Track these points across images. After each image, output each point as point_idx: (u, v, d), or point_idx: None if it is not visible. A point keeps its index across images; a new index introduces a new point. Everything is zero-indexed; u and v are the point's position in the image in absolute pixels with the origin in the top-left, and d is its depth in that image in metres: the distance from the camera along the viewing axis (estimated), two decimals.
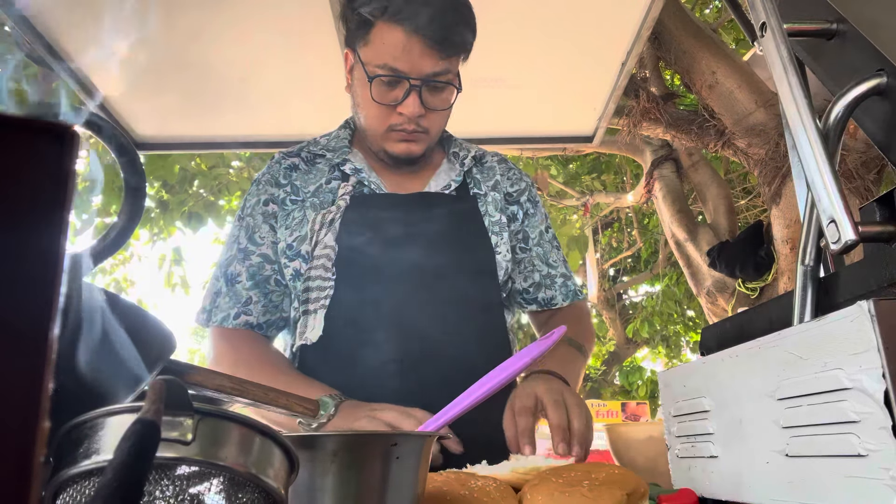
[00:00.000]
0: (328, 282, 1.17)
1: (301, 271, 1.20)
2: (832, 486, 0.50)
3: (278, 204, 1.27)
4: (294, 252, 1.22)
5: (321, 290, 1.18)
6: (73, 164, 0.24)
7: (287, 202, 1.27)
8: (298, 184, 1.29)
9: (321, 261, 1.19)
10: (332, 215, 1.21)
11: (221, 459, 0.38)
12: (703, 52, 4.03)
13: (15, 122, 0.24)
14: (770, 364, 0.58)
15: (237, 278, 1.24)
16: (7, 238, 0.23)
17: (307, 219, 1.23)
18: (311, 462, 0.52)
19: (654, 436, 0.95)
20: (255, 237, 1.26)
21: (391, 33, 1.14)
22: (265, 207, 1.27)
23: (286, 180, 1.29)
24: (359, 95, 1.24)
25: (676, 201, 5.39)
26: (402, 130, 1.22)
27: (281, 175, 1.30)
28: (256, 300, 1.24)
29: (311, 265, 1.19)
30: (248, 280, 1.24)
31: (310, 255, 1.20)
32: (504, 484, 0.68)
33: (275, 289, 1.25)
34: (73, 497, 0.38)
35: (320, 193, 1.27)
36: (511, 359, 0.95)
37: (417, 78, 1.16)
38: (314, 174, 1.31)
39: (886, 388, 0.45)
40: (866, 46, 0.66)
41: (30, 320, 0.23)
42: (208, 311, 1.24)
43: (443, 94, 1.21)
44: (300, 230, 1.23)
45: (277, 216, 1.26)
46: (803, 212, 0.73)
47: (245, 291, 1.23)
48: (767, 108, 3.79)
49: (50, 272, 0.23)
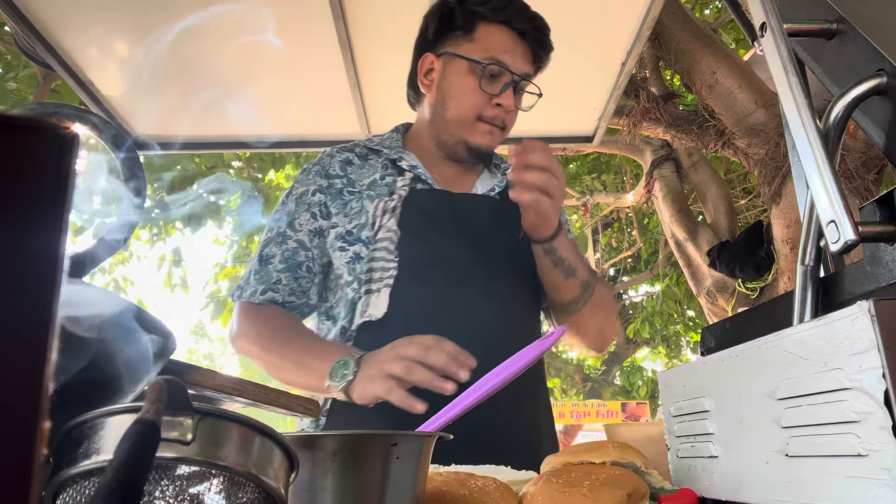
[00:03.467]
0: (392, 262, 1.26)
1: (362, 255, 1.28)
2: (832, 486, 0.50)
3: (331, 194, 1.35)
4: (354, 238, 1.30)
5: (385, 271, 1.26)
6: (73, 164, 0.24)
7: (344, 193, 1.35)
8: (353, 177, 1.37)
9: (384, 243, 1.27)
10: (393, 203, 1.31)
11: (221, 459, 0.38)
12: (703, 52, 4.03)
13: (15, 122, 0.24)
14: (770, 364, 0.58)
15: (271, 259, 1.32)
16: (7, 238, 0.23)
17: (366, 208, 1.31)
18: (311, 462, 0.52)
19: (654, 436, 0.95)
20: (294, 223, 1.33)
21: (500, 33, 1.31)
22: (312, 197, 1.35)
23: (342, 172, 1.38)
24: (453, 87, 1.35)
25: (676, 201, 5.39)
26: (490, 122, 1.33)
27: (336, 167, 1.39)
28: (286, 283, 1.31)
29: (375, 247, 1.28)
30: (281, 263, 1.31)
31: (371, 239, 1.28)
32: (504, 484, 0.68)
33: (305, 275, 1.33)
34: (73, 497, 0.38)
35: (376, 186, 1.35)
36: (511, 359, 0.95)
37: (518, 74, 1.31)
38: (367, 169, 1.39)
39: (886, 388, 0.45)
40: (866, 46, 0.66)
41: (30, 320, 0.23)
42: (241, 287, 1.33)
43: (524, 98, 1.38)
44: (359, 218, 1.31)
45: (329, 206, 1.34)
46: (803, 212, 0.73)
47: (276, 273, 1.31)
48: (767, 108, 3.79)
49: (50, 272, 0.23)
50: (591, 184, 7.50)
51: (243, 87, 2.26)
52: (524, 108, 1.38)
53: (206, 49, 2.09)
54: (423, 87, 1.41)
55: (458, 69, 1.33)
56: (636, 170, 7.03)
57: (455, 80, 1.34)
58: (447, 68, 1.35)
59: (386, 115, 2.51)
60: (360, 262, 1.28)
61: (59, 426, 0.39)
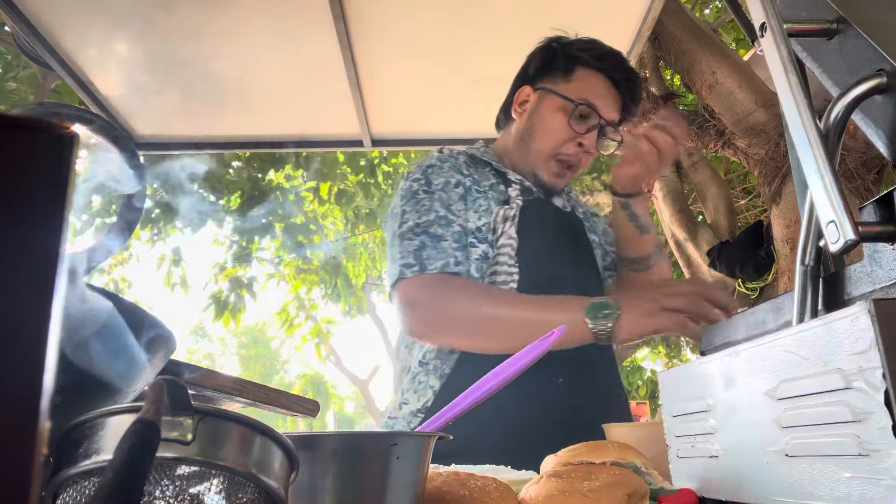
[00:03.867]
0: (513, 268, 1.32)
1: (489, 255, 1.34)
2: (832, 486, 0.50)
3: (465, 189, 1.40)
4: (483, 236, 1.35)
5: (508, 276, 1.32)
6: (73, 164, 0.24)
7: (472, 190, 1.40)
8: (476, 177, 1.43)
9: (505, 249, 1.33)
10: (512, 211, 1.37)
11: (221, 459, 0.38)
12: (703, 52, 4.03)
13: (15, 122, 0.24)
14: (770, 364, 0.58)
15: (443, 239, 1.31)
16: (7, 238, 0.23)
17: (491, 209, 1.37)
18: (311, 462, 0.52)
19: (654, 436, 0.95)
20: (452, 208, 1.35)
21: (596, 78, 1.42)
22: (455, 189, 1.39)
23: (467, 172, 1.43)
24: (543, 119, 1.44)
25: (676, 201, 5.39)
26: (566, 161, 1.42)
27: (462, 166, 1.44)
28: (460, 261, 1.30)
29: (497, 252, 1.33)
30: (455, 243, 1.31)
31: (495, 243, 1.34)
32: (504, 484, 0.68)
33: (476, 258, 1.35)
34: (73, 497, 0.38)
35: (494, 189, 1.42)
36: (510, 359, 0.95)
37: (606, 120, 1.41)
38: (482, 172, 1.46)
39: (886, 388, 0.45)
40: (866, 46, 0.66)
41: (30, 320, 0.23)
42: (418, 262, 1.28)
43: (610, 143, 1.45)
44: (486, 217, 1.36)
45: (466, 199, 1.39)
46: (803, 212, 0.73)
47: (453, 251, 1.30)
48: (767, 108, 3.79)
49: (49, 272, 0.23)
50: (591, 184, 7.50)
51: (243, 88, 2.26)
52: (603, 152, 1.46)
53: (206, 49, 2.09)
54: (515, 114, 1.51)
55: (551, 105, 1.43)
56: None
57: (546, 114, 1.44)
58: (541, 102, 1.46)
59: (386, 115, 2.51)
60: (486, 261, 1.33)
61: (59, 426, 0.39)
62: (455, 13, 2.04)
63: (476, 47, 2.18)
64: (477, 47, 2.18)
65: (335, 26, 2.00)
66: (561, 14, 2.03)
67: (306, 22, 2.01)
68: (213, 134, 2.58)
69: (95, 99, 2.21)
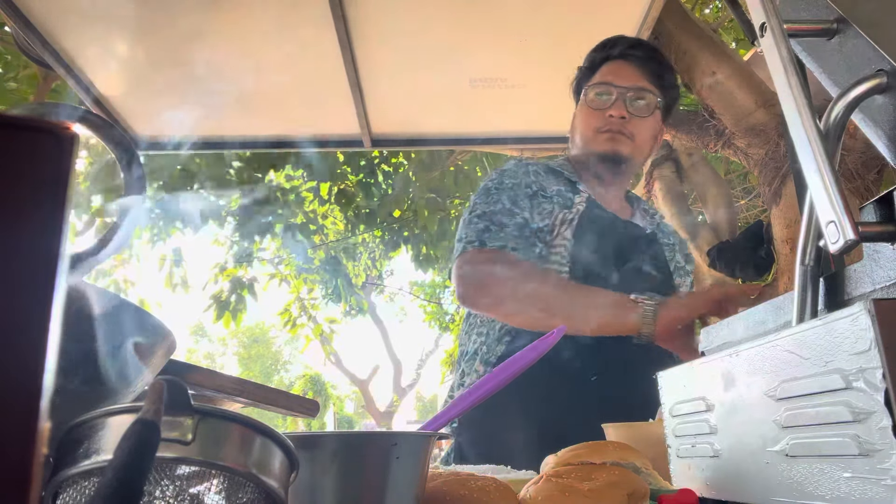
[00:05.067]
0: (564, 266, 1.41)
1: (543, 254, 1.43)
2: (832, 486, 0.50)
3: (533, 192, 1.51)
4: (542, 235, 1.45)
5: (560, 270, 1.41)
6: (73, 164, 0.24)
7: (538, 195, 1.52)
8: (544, 184, 1.55)
9: (559, 249, 1.43)
10: (571, 215, 1.47)
11: (221, 459, 0.38)
12: (703, 52, 4.03)
13: (15, 122, 0.24)
14: (770, 364, 0.58)
15: (505, 226, 1.42)
16: (7, 238, 0.23)
17: (554, 212, 1.48)
18: (311, 462, 0.52)
19: (654, 436, 0.94)
20: (518, 203, 1.47)
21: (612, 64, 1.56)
22: (525, 189, 1.51)
23: (535, 178, 1.55)
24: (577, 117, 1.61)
25: (676, 201, 5.38)
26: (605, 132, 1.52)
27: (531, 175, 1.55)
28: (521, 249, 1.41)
29: (552, 250, 1.43)
30: (516, 230, 1.42)
31: (551, 241, 1.44)
32: (504, 484, 0.68)
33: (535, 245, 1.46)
34: (73, 497, 0.38)
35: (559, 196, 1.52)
36: (510, 359, 0.95)
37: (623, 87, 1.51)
38: (551, 180, 1.57)
39: (886, 388, 0.45)
40: (866, 46, 0.66)
41: (29, 320, 0.23)
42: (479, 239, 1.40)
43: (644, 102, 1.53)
44: (548, 219, 1.47)
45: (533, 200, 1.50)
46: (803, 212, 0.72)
47: (513, 237, 1.41)
48: (767, 108, 3.79)
49: (50, 272, 0.23)
50: None
51: (243, 87, 2.26)
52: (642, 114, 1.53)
53: (206, 49, 2.09)
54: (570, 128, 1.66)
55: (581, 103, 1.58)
56: None
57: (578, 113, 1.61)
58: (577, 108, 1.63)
59: (386, 115, 2.51)
60: (540, 260, 1.43)
61: (59, 426, 0.39)
62: (455, 13, 2.04)
63: (476, 47, 2.18)
64: (477, 47, 2.18)
65: (335, 26, 2.00)
66: (561, 15, 2.03)
67: (306, 22, 2.01)
68: (213, 134, 2.58)
69: (95, 99, 2.21)
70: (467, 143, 2.90)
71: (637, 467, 0.74)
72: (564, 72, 2.28)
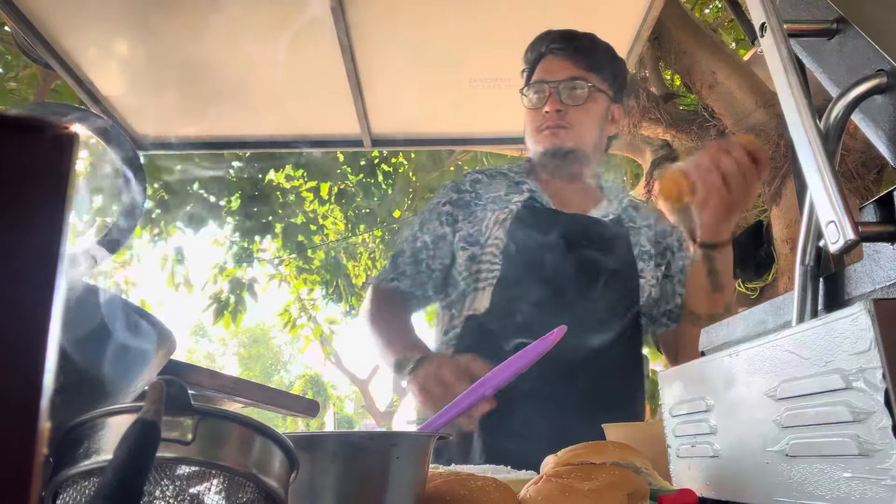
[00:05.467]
0: (495, 265, 1.46)
1: (476, 255, 1.49)
2: (832, 486, 0.50)
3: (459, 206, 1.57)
4: (473, 240, 1.51)
5: (489, 272, 1.46)
6: (73, 164, 0.24)
7: (471, 204, 1.57)
8: (481, 191, 1.60)
9: (491, 248, 1.48)
10: (504, 216, 1.51)
11: (221, 459, 0.38)
12: (703, 52, 4.03)
13: (15, 122, 0.24)
14: (770, 364, 0.58)
15: (403, 254, 1.57)
16: (7, 238, 0.23)
17: (486, 217, 1.52)
18: (311, 462, 0.52)
19: (654, 436, 0.94)
20: (424, 227, 1.58)
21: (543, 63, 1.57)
22: (442, 208, 1.58)
23: (471, 188, 1.61)
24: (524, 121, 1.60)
25: None
26: (545, 129, 1.53)
27: (467, 184, 1.62)
28: (409, 274, 1.55)
29: (483, 251, 1.48)
30: (409, 257, 1.55)
31: (484, 243, 1.49)
32: (504, 484, 0.68)
33: (424, 270, 1.55)
34: (73, 497, 0.38)
35: (497, 201, 1.56)
36: (510, 359, 0.95)
37: (554, 81, 1.52)
38: (494, 186, 1.61)
39: (886, 388, 0.45)
40: (866, 46, 0.66)
41: (29, 320, 0.23)
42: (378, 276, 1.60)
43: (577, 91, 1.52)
44: (480, 225, 1.52)
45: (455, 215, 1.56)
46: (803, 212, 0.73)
47: (403, 265, 1.55)
48: (767, 108, 3.79)
49: (50, 273, 0.23)
50: None
51: (243, 87, 2.26)
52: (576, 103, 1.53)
53: (206, 49, 2.09)
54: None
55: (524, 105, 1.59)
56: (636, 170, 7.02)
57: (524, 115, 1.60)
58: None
59: (386, 115, 2.51)
60: (473, 261, 1.49)
61: (59, 426, 0.39)
62: (455, 14, 2.04)
63: (476, 47, 2.18)
64: (477, 47, 2.18)
65: (335, 26, 2.00)
66: (561, 14, 2.04)
67: (306, 22, 2.01)
68: (213, 134, 2.58)
69: (95, 99, 2.21)
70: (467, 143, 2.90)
71: (637, 467, 0.74)
72: None
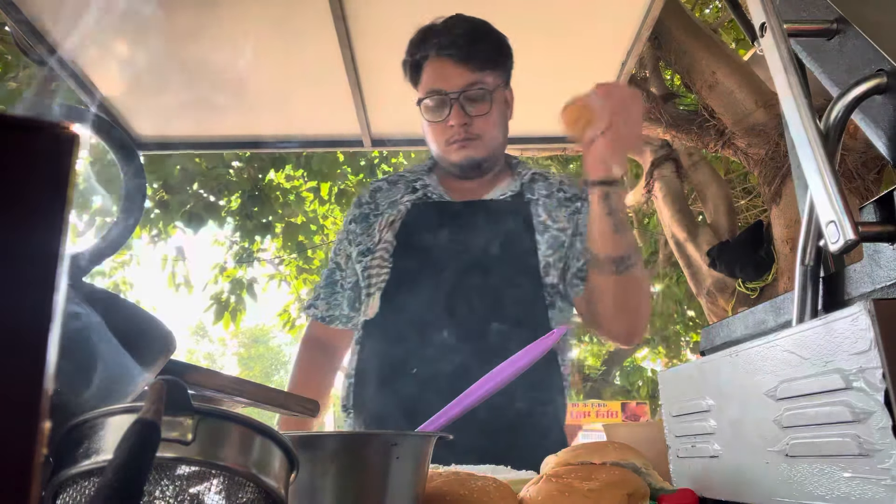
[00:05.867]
0: (384, 269, 1.43)
1: (368, 263, 1.47)
2: (832, 486, 0.50)
3: (359, 221, 1.54)
4: (366, 249, 1.49)
5: (378, 276, 1.43)
6: (73, 164, 0.24)
7: (370, 216, 1.54)
8: (380, 201, 1.56)
9: (380, 252, 1.45)
10: (393, 218, 1.47)
11: (221, 459, 0.38)
12: (703, 52, 4.03)
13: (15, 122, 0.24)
14: (770, 364, 0.58)
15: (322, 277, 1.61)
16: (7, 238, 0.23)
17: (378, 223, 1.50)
18: (311, 462, 0.52)
19: (654, 436, 0.95)
20: (337, 248, 1.59)
21: (433, 64, 1.43)
22: (349, 226, 1.57)
23: (371, 200, 1.57)
24: (424, 129, 1.49)
25: (676, 201, 5.38)
26: (454, 144, 1.44)
27: (367, 196, 1.59)
28: (324, 297, 1.57)
29: (373, 256, 1.45)
30: (326, 279, 1.59)
31: (374, 249, 1.46)
32: (504, 484, 0.68)
33: (339, 290, 1.56)
34: (73, 497, 0.38)
35: (394, 206, 1.52)
36: (510, 359, 0.95)
37: (453, 92, 1.39)
38: (393, 191, 1.56)
39: (886, 388, 0.45)
40: (866, 46, 0.66)
41: (29, 321, 0.23)
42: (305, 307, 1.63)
43: (480, 99, 1.42)
44: (372, 233, 1.50)
45: (356, 231, 1.54)
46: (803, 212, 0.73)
47: (319, 289, 1.59)
48: (767, 108, 3.79)
49: (50, 273, 0.23)
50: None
51: (243, 87, 2.26)
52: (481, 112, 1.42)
53: (206, 49, 2.09)
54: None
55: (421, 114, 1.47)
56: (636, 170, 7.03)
57: (423, 124, 1.49)
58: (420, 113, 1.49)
59: (386, 115, 2.51)
60: (366, 269, 1.46)
61: (59, 426, 0.39)
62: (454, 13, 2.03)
63: None
64: None
65: (335, 26, 2.00)
66: (560, 14, 2.03)
67: (306, 22, 2.01)
68: (213, 134, 2.58)
69: (95, 99, 2.21)
70: None
71: (637, 467, 0.74)
72: (565, 72, 2.28)
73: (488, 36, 1.47)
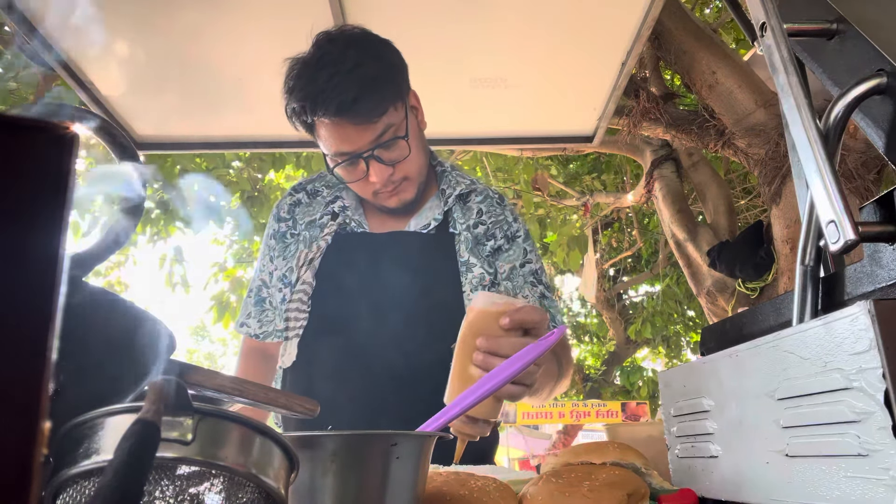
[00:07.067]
0: (303, 314, 1.35)
1: (287, 298, 1.39)
2: (832, 486, 0.50)
3: (277, 238, 1.46)
4: (286, 281, 1.41)
5: (296, 321, 1.35)
6: (73, 164, 0.24)
7: (287, 236, 1.45)
8: (298, 217, 1.46)
9: (299, 295, 1.36)
10: (312, 255, 1.38)
11: (221, 459, 0.38)
12: (703, 52, 4.03)
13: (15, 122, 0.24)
14: (770, 364, 0.58)
15: (249, 294, 1.50)
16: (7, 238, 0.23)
17: (297, 253, 1.41)
18: (311, 462, 0.52)
19: (654, 436, 0.95)
20: (261, 263, 1.49)
21: (324, 127, 1.26)
22: (269, 241, 1.48)
23: (289, 215, 1.47)
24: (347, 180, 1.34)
25: (676, 201, 5.39)
26: (384, 191, 1.34)
27: (285, 210, 1.48)
28: (254, 315, 1.48)
29: (292, 298, 1.37)
30: (253, 297, 1.48)
31: (293, 287, 1.38)
32: (504, 484, 0.68)
33: (268, 308, 1.47)
34: (73, 497, 0.38)
35: (312, 228, 1.43)
36: (510, 359, 0.95)
37: (364, 151, 1.25)
38: (313, 207, 1.47)
39: (886, 388, 0.45)
40: (866, 46, 0.66)
41: (30, 320, 0.23)
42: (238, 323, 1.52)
43: (398, 148, 1.29)
44: (292, 262, 1.41)
45: (276, 249, 1.46)
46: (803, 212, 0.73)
47: (249, 306, 1.49)
48: (767, 108, 3.79)
49: (49, 272, 0.23)
50: (590, 184, 7.50)
51: (243, 88, 2.26)
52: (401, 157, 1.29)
53: (206, 49, 2.09)
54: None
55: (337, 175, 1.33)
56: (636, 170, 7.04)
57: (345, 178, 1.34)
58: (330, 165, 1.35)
59: None
60: (285, 304, 1.39)
61: (59, 426, 0.39)
62: (455, 13, 2.04)
63: (476, 47, 2.18)
64: (477, 47, 2.18)
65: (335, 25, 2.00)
66: (560, 14, 2.03)
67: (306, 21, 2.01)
68: (213, 134, 2.58)
69: (95, 99, 2.21)
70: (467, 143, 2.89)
71: (637, 467, 0.74)
72: (565, 72, 2.28)
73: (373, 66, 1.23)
